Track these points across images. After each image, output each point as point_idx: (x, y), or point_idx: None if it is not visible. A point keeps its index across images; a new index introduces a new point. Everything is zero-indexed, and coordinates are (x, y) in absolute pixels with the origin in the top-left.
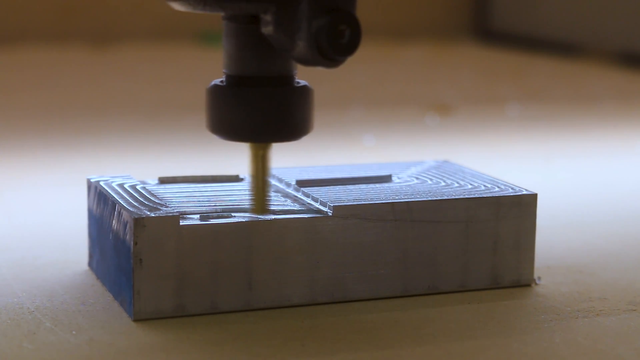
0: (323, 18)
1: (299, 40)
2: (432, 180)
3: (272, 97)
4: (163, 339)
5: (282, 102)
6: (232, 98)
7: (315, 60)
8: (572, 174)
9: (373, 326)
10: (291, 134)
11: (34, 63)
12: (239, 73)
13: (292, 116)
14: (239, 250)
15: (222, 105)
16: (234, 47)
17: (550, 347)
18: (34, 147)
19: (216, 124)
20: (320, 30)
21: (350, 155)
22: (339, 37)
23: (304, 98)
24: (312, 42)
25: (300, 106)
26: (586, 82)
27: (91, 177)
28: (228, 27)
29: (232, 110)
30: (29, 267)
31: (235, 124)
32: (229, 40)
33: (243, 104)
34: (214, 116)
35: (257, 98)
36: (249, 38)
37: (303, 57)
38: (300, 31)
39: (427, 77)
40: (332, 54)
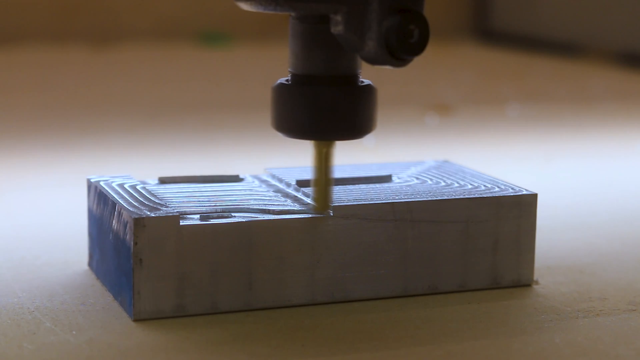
0: (393, 18)
1: (369, 40)
2: (432, 180)
3: (337, 95)
4: (163, 339)
5: (346, 100)
6: (297, 96)
7: (385, 59)
8: (572, 174)
9: (373, 326)
10: (355, 132)
11: (34, 63)
12: (304, 72)
13: (356, 115)
14: (239, 250)
15: (287, 103)
16: (300, 47)
17: (550, 347)
18: (34, 147)
19: (281, 122)
20: (390, 30)
21: (350, 155)
22: (409, 37)
23: (367, 97)
24: (382, 41)
25: (364, 105)
26: (586, 82)
27: (91, 177)
28: (294, 26)
29: (297, 109)
30: (29, 267)
31: (300, 122)
32: (296, 40)
33: (308, 102)
34: (279, 114)
35: (322, 96)
36: (315, 37)
37: (372, 56)
38: (370, 31)
39: (427, 77)
40: (401, 54)
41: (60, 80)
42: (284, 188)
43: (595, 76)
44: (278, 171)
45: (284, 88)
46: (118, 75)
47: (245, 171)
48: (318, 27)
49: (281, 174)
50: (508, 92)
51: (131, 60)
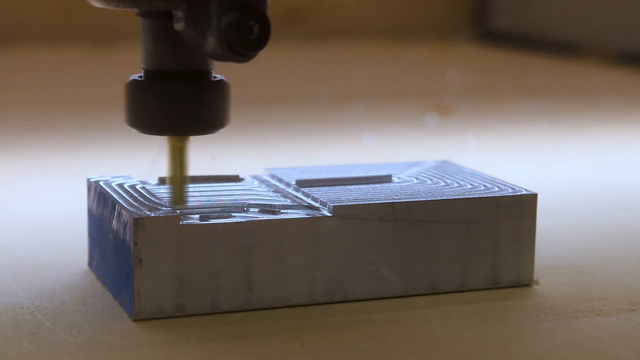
0: (232, 14)
1: (209, 36)
2: (432, 180)
3: (189, 91)
4: (163, 339)
5: (198, 96)
6: (150, 92)
7: (226, 55)
8: (572, 174)
9: (373, 326)
10: (207, 128)
11: (34, 63)
12: (156, 67)
13: (208, 110)
14: (239, 250)
15: (140, 99)
16: (150, 42)
17: (550, 347)
18: (34, 147)
19: (135, 118)
20: (229, 26)
21: (350, 155)
22: (248, 33)
23: (220, 92)
24: (222, 37)
25: (216, 100)
26: (586, 82)
27: (91, 177)
28: (144, 22)
29: (150, 104)
30: (29, 267)
31: (153, 117)
32: (146, 36)
33: (161, 97)
34: (133, 110)
35: (174, 92)
36: (164, 33)
37: (214, 52)
38: (210, 27)
39: (427, 77)
40: (241, 49)
41: (60, 80)
42: (284, 188)
43: (595, 76)
44: (278, 171)
45: (136, 84)
46: (118, 75)
47: (245, 171)
48: (166, 23)
49: (281, 174)
50: (508, 91)
51: (131, 61)
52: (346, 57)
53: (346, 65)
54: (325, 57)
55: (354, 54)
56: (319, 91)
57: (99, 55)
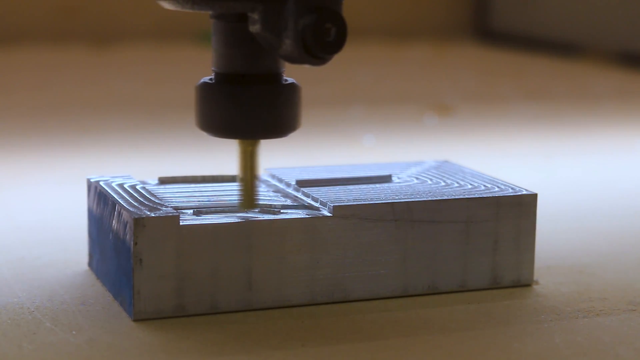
0: (309, 16)
1: (285, 38)
2: (432, 180)
3: (261, 94)
4: (163, 339)
5: (270, 99)
6: (221, 95)
7: (302, 58)
8: (572, 174)
9: (373, 326)
10: (279, 131)
11: (34, 63)
12: (228, 70)
13: (280, 113)
14: (239, 250)
15: (211, 102)
16: (222, 45)
17: (550, 347)
18: (34, 147)
19: (205, 121)
20: (306, 28)
21: (350, 155)
22: (325, 35)
23: (291, 95)
24: (299, 40)
25: (288, 103)
26: (586, 82)
27: (91, 177)
28: (216, 25)
29: (221, 108)
30: (29, 267)
31: (225, 121)
32: (218, 38)
33: (232, 101)
34: (203, 113)
35: (246, 95)
36: (237, 36)
37: (290, 55)
38: (287, 29)
39: (427, 77)
40: (318, 52)
41: (60, 80)
42: (284, 188)
43: (595, 76)
44: (278, 171)
45: (207, 87)
46: (118, 75)
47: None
48: (239, 26)
49: (281, 174)
50: (508, 92)
51: (131, 60)
52: (346, 57)
53: (346, 65)
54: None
55: (354, 54)
56: (320, 92)
57: (99, 55)
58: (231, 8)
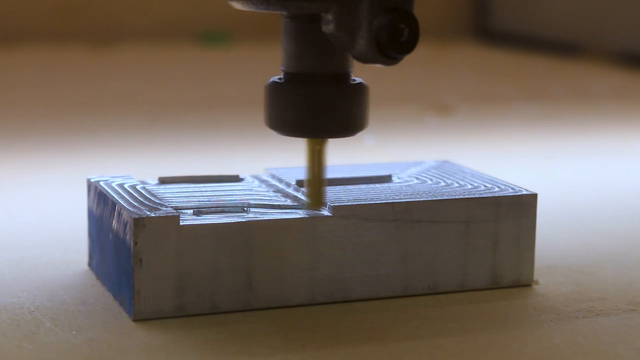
0: (384, 17)
1: (359, 38)
2: (432, 180)
3: (330, 93)
4: (163, 339)
5: (338, 98)
6: (291, 94)
7: (375, 58)
8: (572, 174)
9: (373, 326)
10: (347, 130)
11: (34, 63)
12: (297, 70)
13: (348, 112)
14: (239, 250)
15: (280, 101)
16: (292, 45)
17: (550, 347)
18: (34, 147)
19: (274, 120)
20: (380, 28)
21: (350, 155)
22: (399, 36)
23: (359, 95)
24: (373, 40)
25: (356, 103)
26: (586, 82)
27: (91, 177)
28: (287, 25)
29: (290, 107)
30: (29, 267)
31: (293, 120)
32: (288, 38)
33: (301, 100)
34: (273, 112)
35: (315, 95)
36: (307, 36)
37: (363, 55)
38: (361, 29)
39: (427, 77)
40: (391, 52)
41: (60, 80)
42: (284, 188)
43: (595, 76)
44: (278, 171)
45: (277, 86)
46: (118, 75)
47: (245, 171)
48: (310, 26)
49: (281, 174)
50: (508, 92)
51: (131, 60)
52: None
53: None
54: None
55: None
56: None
57: (99, 55)
58: (306, 9)
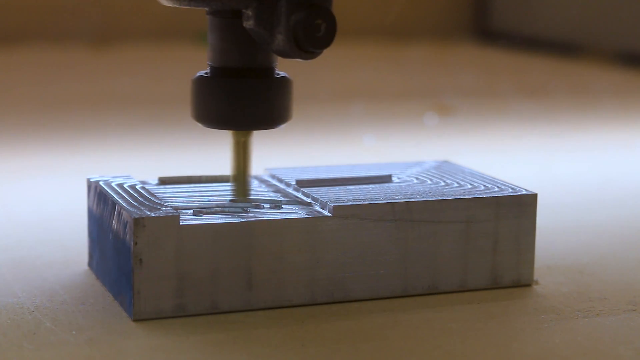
0: (300, 12)
1: (278, 33)
2: (432, 180)
3: (253, 87)
4: (163, 339)
5: (262, 91)
6: (215, 88)
7: (293, 52)
8: (572, 174)
9: (373, 326)
10: (270, 122)
11: (34, 63)
12: (222, 64)
13: (271, 105)
14: (239, 250)
15: (206, 94)
16: (217, 40)
17: (550, 347)
18: (34, 147)
19: (200, 113)
20: (297, 24)
21: (350, 155)
22: (315, 31)
23: (283, 88)
24: (290, 35)
25: (278, 96)
26: (586, 82)
27: (91, 177)
28: (212, 21)
29: (216, 100)
30: (29, 267)
31: (218, 112)
32: (213, 34)
33: (225, 93)
34: (198, 105)
35: (240, 88)
36: (232, 31)
37: (282, 49)
38: (280, 25)
39: (427, 77)
40: (308, 47)
41: (61, 80)
42: (284, 188)
43: (595, 76)
44: (278, 171)
45: (203, 80)
46: (118, 75)
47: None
48: (234, 21)
49: (281, 174)
50: (508, 91)
51: (131, 60)
52: (346, 57)
53: (346, 65)
54: (326, 57)
55: (354, 54)
56: (320, 91)
57: (99, 55)
58: (226, 5)
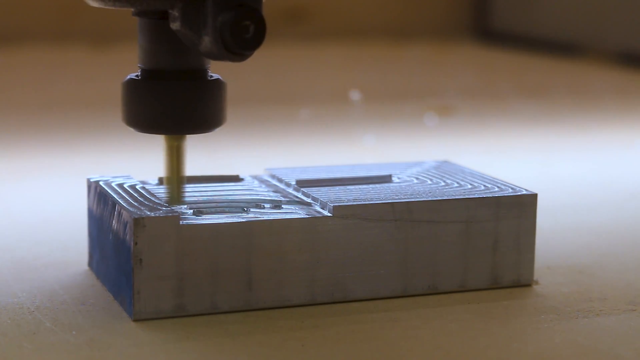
0: (227, 13)
1: (205, 35)
2: (432, 180)
3: (185, 89)
4: (163, 339)
5: (194, 95)
6: (146, 91)
7: (221, 54)
8: (572, 174)
9: (373, 326)
10: (204, 126)
11: (34, 63)
12: (152, 67)
13: (205, 108)
14: (239, 250)
15: (137, 98)
16: (147, 42)
17: (550, 347)
18: (34, 147)
19: (131, 117)
20: (224, 25)
21: (350, 155)
22: (243, 32)
23: (216, 91)
24: (217, 37)
25: (212, 99)
26: (586, 82)
27: (91, 177)
28: (141, 22)
29: (147, 103)
30: (29, 267)
31: (150, 116)
32: (142, 35)
33: (157, 96)
34: (130, 109)
35: (171, 91)
36: (161, 32)
37: (209, 51)
38: (206, 26)
39: (427, 77)
40: (236, 49)
41: (61, 80)
42: (284, 188)
43: (595, 76)
44: (278, 171)
45: (133, 83)
46: (118, 75)
47: (245, 171)
48: (163, 22)
49: (281, 174)
50: (508, 91)
51: (131, 60)
52: (346, 57)
53: (346, 65)
54: (325, 57)
55: (353, 54)
56: (320, 91)
57: (99, 55)
58: (151, 5)
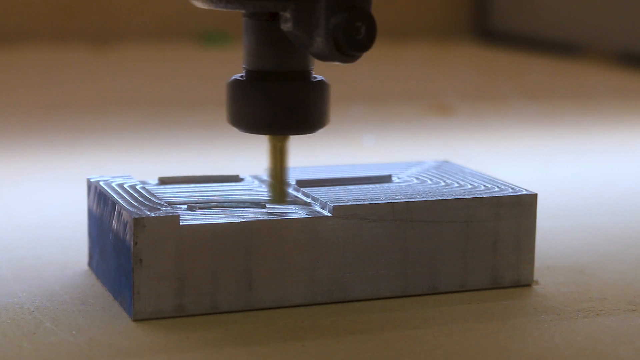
0: (340, 15)
1: (317, 36)
2: (432, 180)
3: (290, 91)
4: (163, 339)
5: (299, 96)
6: (251, 92)
7: (333, 55)
8: (572, 173)
9: (373, 326)
10: (308, 127)
11: (34, 63)
12: (258, 68)
13: (308, 110)
14: (239, 250)
15: (242, 99)
16: (253, 43)
17: (550, 347)
18: (34, 147)
19: (236, 117)
20: (337, 27)
21: (350, 155)
22: (355, 34)
23: (320, 92)
24: (330, 38)
25: (316, 100)
26: (586, 82)
27: (91, 177)
28: (248, 23)
29: (252, 104)
30: (29, 267)
31: (255, 117)
32: (249, 37)
33: (262, 97)
34: (234, 110)
35: (276, 92)
36: (268, 34)
37: (321, 52)
38: (318, 28)
39: (427, 77)
40: (348, 50)
41: (61, 80)
42: None
43: (595, 76)
44: None
45: (238, 84)
46: (118, 75)
47: (245, 171)
48: (270, 24)
49: None
50: (508, 91)
51: (131, 60)
52: None
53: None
54: None
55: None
56: None
57: (99, 55)
58: (264, 7)
